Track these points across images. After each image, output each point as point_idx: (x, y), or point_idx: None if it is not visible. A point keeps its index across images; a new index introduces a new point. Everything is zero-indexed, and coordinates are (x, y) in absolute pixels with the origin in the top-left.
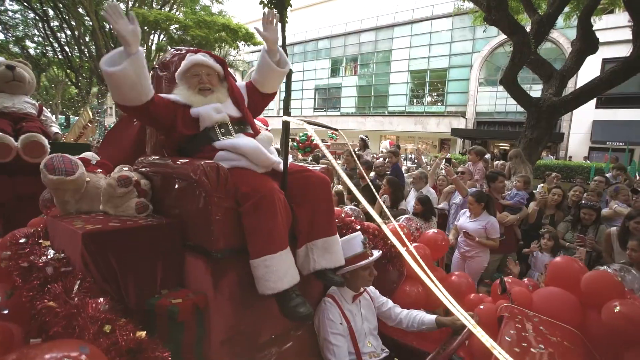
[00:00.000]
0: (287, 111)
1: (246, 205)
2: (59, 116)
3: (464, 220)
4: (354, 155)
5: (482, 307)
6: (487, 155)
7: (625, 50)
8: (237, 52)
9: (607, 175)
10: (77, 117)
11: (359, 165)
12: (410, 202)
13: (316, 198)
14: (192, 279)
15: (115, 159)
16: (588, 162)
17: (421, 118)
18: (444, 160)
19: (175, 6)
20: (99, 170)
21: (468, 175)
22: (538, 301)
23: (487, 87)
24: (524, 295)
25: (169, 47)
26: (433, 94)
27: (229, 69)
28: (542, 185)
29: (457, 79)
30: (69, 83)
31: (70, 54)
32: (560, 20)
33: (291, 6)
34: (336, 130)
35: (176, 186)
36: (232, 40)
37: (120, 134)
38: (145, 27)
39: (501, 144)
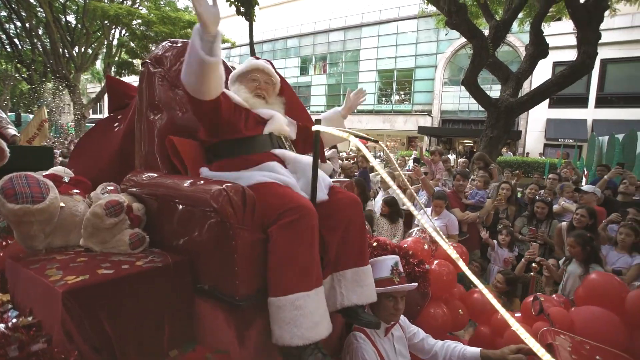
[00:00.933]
0: (317, 119)
1: (277, 225)
2: (9, 113)
3: (426, 218)
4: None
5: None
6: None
7: (573, 55)
8: None
9: (558, 171)
10: (30, 115)
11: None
12: (378, 202)
13: (347, 221)
14: (208, 332)
15: (93, 173)
16: (543, 158)
17: (389, 116)
18: (412, 160)
19: (138, 0)
20: (75, 190)
21: (430, 175)
22: (579, 323)
23: (451, 87)
24: (563, 316)
25: (131, 43)
26: (400, 93)
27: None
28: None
29: (423, 79)
30: (19, 78)
31: (21, 47)
32: (515, 26)
33: (258, 4)
34: (376, 142)
35: (183, 213)
36: None
37: (98, 143)
38: (106, 22)
39: (465, 141)
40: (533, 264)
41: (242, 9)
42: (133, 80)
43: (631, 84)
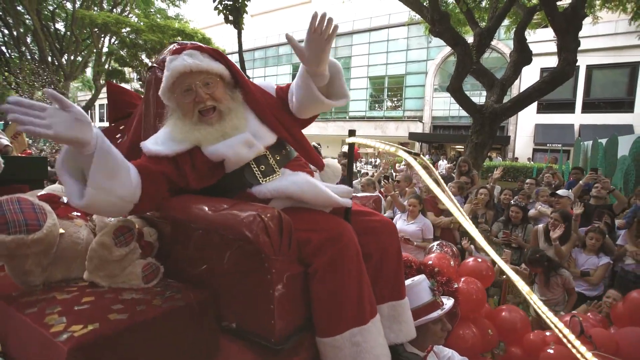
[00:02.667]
0: (351, 130)
1: (319, 262)
2: None
3: (402, 223)
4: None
5: (551, 351)
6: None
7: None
8: None
9: (541, 175)
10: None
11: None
12: None
13: (382, 250)
14: None
15: None
16: (532, 162)
17: (381, 123)
18: (382, 177)
19: (127, 8)
20: (75, 213)
21: (407, 182)
22: (625, 345)
23: (441, 93)
24: (606, 337)
25: (121, 52)
26: (392, 99)
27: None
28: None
29: (414, 85)
30: (7, 87)
31: (9, 55)
32: (502, 33)
33: (247, 13)
34: (417, 154)
35: (205, 239)
36: None
37: None
38: (96, 29)
39: (457, 147)
40: None
41: (230, 18)
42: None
43: (616, 90)
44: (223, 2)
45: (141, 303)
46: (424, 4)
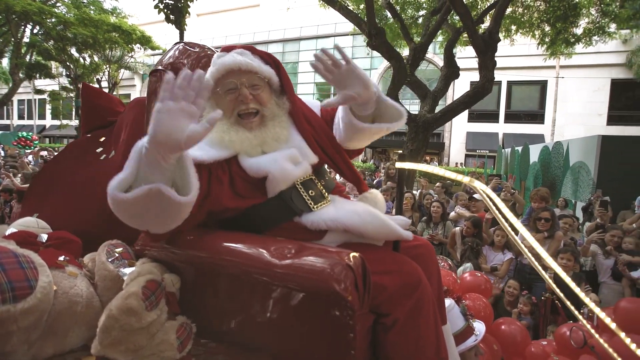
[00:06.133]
0: (401, 155)
1: (400, 312)
2: None
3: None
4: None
5: None
6: None
7: None
8: (132, 55)
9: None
10: None
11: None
12: None
13: (429, 276)
14: None
15: (74, 225)
16: (463, 167)
17: None
18: None
19: None
20: (62, 257)
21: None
22: (621, 353)
23: None
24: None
25: (45, 44)
26: None
27: (126, 70)
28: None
29: None
30: None
31: None
32: (437, 48)
33: (189, 14)
34: (470, 182)
35: (246, 289)
36: (126, 43)
37: (76, 177)
38: (14, 16)
39: (399, 151)
40: None
41: (171, 17)
42: (49, 84)
43: (530, 103)
44: (164, 1)
45: None
46: (364, 18)
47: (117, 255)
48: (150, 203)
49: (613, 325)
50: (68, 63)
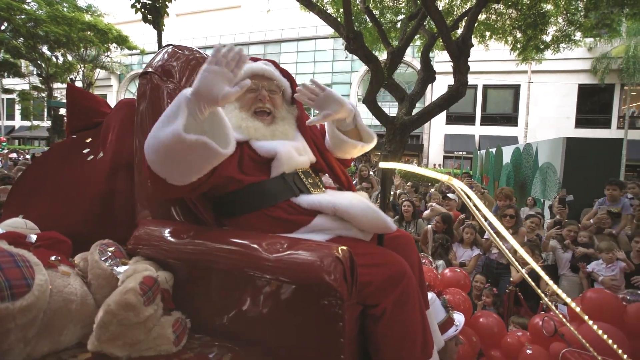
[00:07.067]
0: (384, 155)
1: (387, 303)
2: None
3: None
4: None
5: (529, 351)
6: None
7: None
8: (108, 54)
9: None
10: None
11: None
12: None
13: (410, 265)
14: None
15: (63, 226)
16: (441, 168)
17: None
18: None
19: None
20: (54, 257)
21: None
22: (590, 340)
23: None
24: (574, 334)
25: (14, 41)
26: None
27: (102, 70)
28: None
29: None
30: None
31: None
32: (415, 52)
33: (168, 15)
34: (448, 180)
35: (247, 285)
36: (101, 42)
37: (62, 178)
38: None
39: (378, 152)
40: None
41: (149, 17)
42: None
43: (505, 107)
44: (141, 1)
45: None
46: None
47: (110, 254)
48: (192, 152)
49: (583, 314)
50: (39, 62)
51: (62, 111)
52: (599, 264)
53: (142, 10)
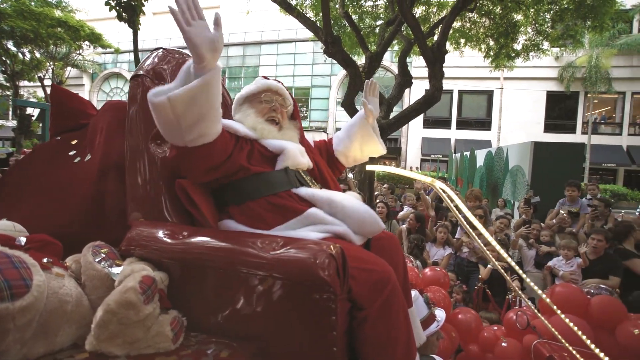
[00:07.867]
0: (371, 157)
1: (374, 306)
2: None
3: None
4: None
5: (504, 344)
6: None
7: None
8: (80, 52)
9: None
10: None
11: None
12: None
13: (395, 265)
14: None
15: (51, 228)
16: (418, 171)
17: None
18: None
19: None
20: (47, 259)
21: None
22: (560, 331)
23: None
24: (545, 326)
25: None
26: (300, 110)
27: (73, 68)
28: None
29: (319, 98)
30: None
31: None
32: (394, 57)
33: (144, 14)
34: (432, 182)
35: (241, 283)
36: (73, 39)
37: (49, 179)
38: None
39: None
40: None
41: (124, 15)
42: None
43: (480, 111)
44: None
45: None
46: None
47: (103, 255)
48: (211, 88)
49: (554, 307)
50: (4, 58)
51: (29, 110)
52: (559, 260)
53: (117, 8)
